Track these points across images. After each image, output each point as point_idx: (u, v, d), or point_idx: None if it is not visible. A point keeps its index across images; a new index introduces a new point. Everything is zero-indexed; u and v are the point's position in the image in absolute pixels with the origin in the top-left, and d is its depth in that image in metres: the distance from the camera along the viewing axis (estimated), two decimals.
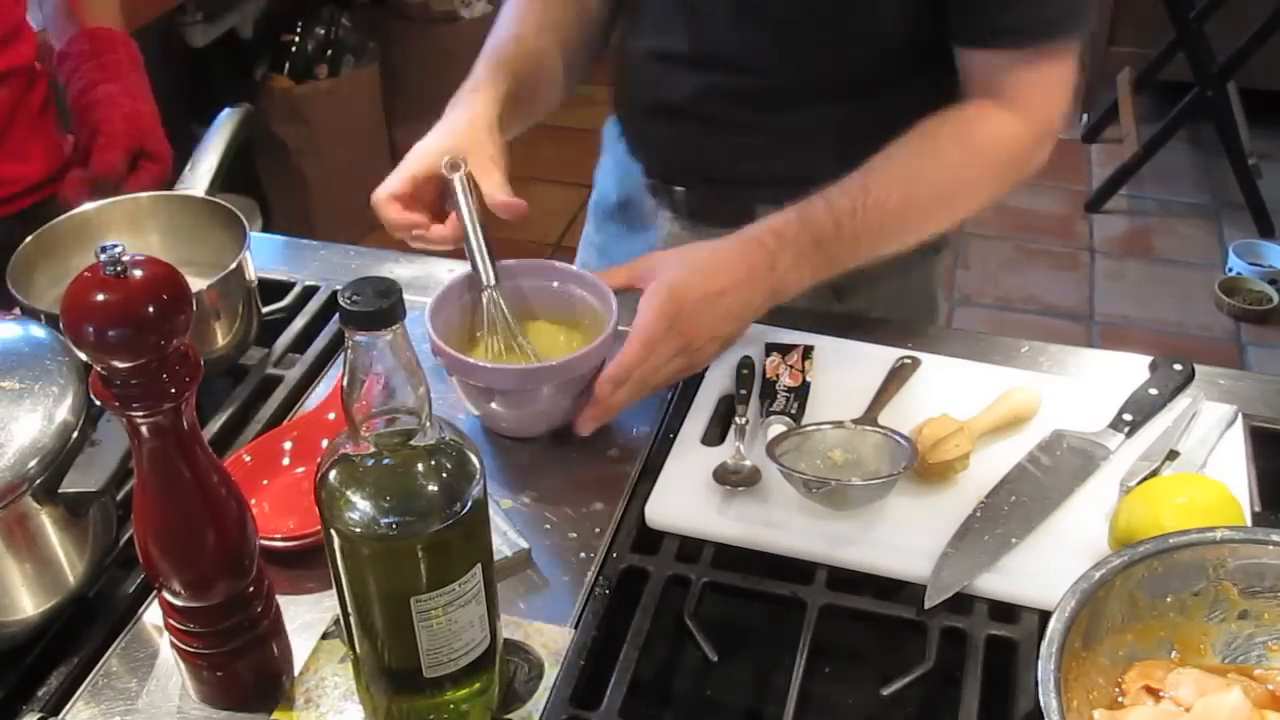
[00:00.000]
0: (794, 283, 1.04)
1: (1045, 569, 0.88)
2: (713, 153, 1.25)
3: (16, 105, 1.33)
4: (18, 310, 1.03)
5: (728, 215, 1.11)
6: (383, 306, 0.65)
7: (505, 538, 0.93)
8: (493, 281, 1.04)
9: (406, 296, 0.66)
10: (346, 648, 0.80)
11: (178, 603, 0.78)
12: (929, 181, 1.08)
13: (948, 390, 1.05)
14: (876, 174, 1.06)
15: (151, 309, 0.67)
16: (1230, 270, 3.07)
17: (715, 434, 1.03)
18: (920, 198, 1.08)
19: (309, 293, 1.22)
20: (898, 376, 1.06)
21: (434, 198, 1.05)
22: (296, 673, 0.85)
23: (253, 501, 0.87)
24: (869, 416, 1.01)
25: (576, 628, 0.88)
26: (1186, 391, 1.05)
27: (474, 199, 1.03)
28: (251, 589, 0.80)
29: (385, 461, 0.70)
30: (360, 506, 0.70)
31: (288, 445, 1.02)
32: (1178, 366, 1.06)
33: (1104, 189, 3.35)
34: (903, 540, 0.92)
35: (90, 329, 0.66)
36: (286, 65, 2.95)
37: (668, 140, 1.29)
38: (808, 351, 1.08)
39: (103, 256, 0.66)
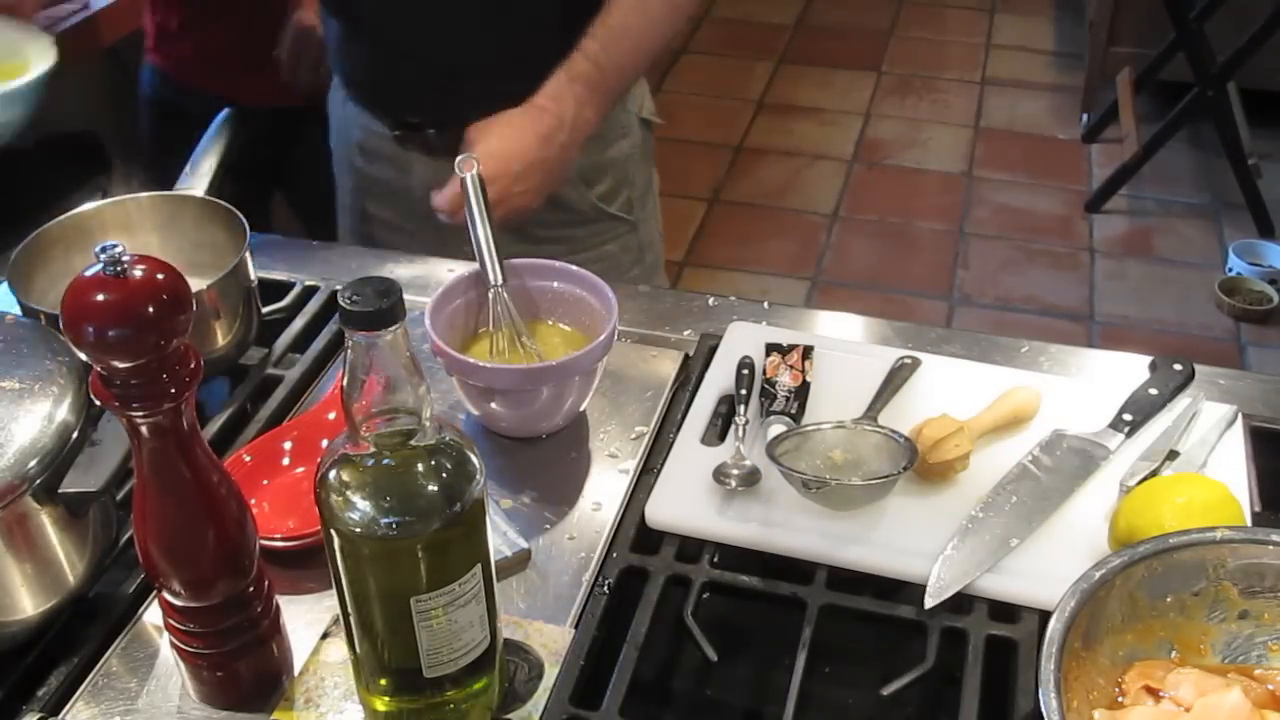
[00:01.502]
0: (586, 121, 1.29)
1: (1045, 569, 0.88)
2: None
3: None
4: (18, 310, 1.03)
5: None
6: (383, 306, 0.65)
7: (505, 538, 0.93)
8: (500, 280, 1.05)
9: (406, 296, 0.66)
10: (346, 648, 0.80)
11: (178, 603, 0.78)
12: None
13: (948, 390, 1.05)
14: (610, 13, 1.28)
15: (151, 309, 0.67)
16: (1230, 270, 3.07)
17: (715, 434, 1.03)
18: (650, 7, 1.31)
19: (309, 293, 1.22)
20: (898, 376, 1.06)
21: None
22: (296, 673, 0.85)
23: (253, 501, 0.87)
24: (869, 416, 1.01)
25: (576, 628, 0.88)
26: (1186, 391, 1.05)
27: (484, 198, 1.06)
28: (251, 589, 0.80)
29: (385, 461, 0.70)
30: (360, 506, 0.70)
31: (288, 445, 1.02)
32: (1178, 366, 1.06)
33: (1104, 189, 3.35)
34: (903, 540, 0.91)
35: (90, 329, 0.66)
36: None
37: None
38: (808, 351, 1.08)
39: (103, 256, 0.66)
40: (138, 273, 0.67)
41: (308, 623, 0.88)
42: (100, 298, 0.66)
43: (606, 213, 1.44)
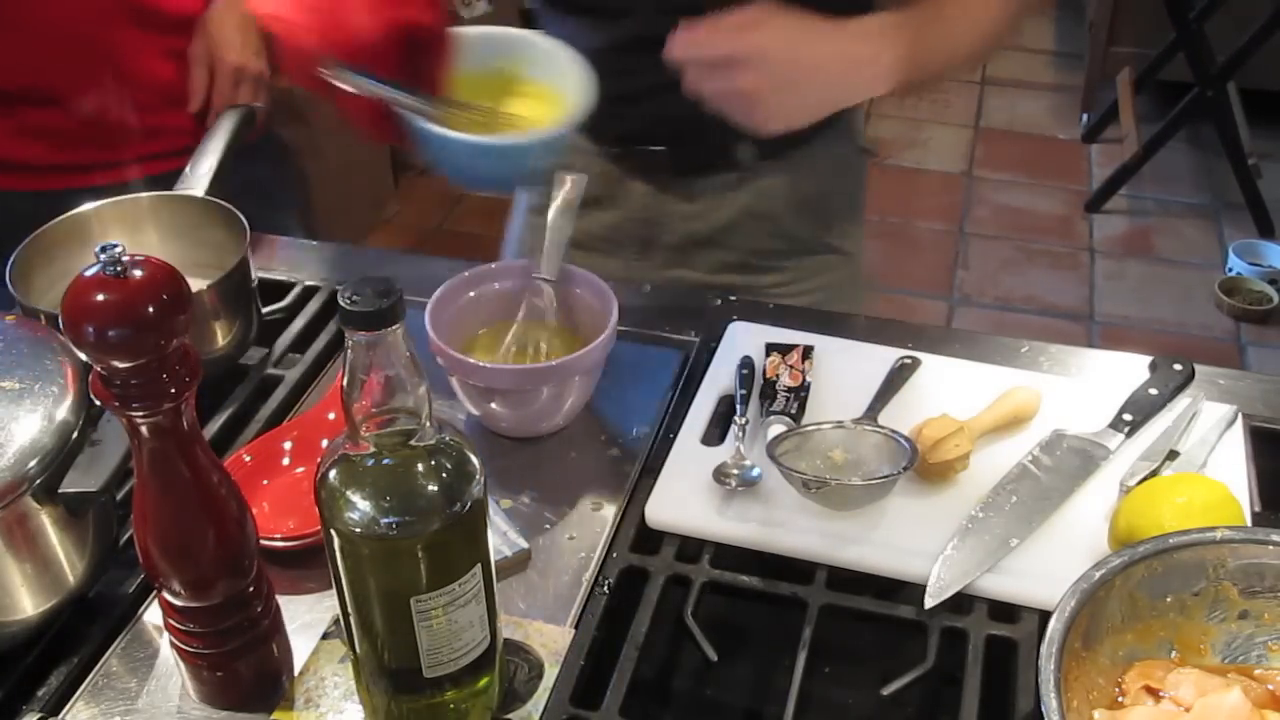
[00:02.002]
0: (889, 76, 1.01)
1: (1045, 569, 0.88)
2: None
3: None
4: (18, 310, 1.03)
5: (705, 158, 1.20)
6: (383, 306, 0.65)
7: (505, 538, 0.93)
8: (553, 276, 1.06)
9: (406, 296, 0.66)
10: (346, 648, 0.80)
11: (178, 603, 0.78)
12: None
13: (948, 390, 1.05)
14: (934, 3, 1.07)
15: (151, 309, 0.67)
16: (1230, 270, 3.07)
17: (715, 434, 1.03)
18: (972, 11, 1.10)
19: (309, 293, 1.22)
20: (898, 376, 1.06)
21: None
22: (296, 673, 0.85)
23: (253, 501, 0.87)
24: (869, 416, 1.01)
25: (576, 628, 0.88)
26: (1186, 391, 1.05)
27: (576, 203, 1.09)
28: (251, 589, 0.80)
29: (385, 461, 0.70)
30: (360, 506, 0.70)
31: (288, 445, 1.02)
32: (1178, 366, 1.06)
33: (1104, 189, 3.35)
34: (903, 540, 0.91)
35: (90, 329, 0.66)
36: None
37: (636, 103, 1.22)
38: (808, 351, 1.08)
39: (103, 256, 0.66)
40: (138, 273, 0.67)
41: (308, 623, 0.88)
42: (100, 298, 0.66)
43: (827, 245, 1.38)
